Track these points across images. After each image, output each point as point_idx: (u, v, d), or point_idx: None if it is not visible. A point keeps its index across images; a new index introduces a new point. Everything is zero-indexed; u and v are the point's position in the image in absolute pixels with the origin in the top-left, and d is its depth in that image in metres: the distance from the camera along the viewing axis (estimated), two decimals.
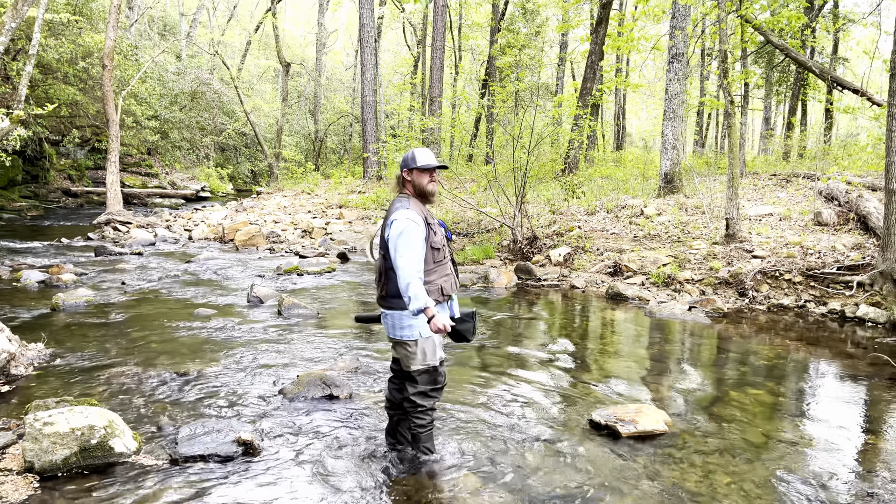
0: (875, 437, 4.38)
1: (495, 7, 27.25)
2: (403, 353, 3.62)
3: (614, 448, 3.98)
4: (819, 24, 20.14)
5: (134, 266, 10.43)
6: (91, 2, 22.81)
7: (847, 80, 18.18)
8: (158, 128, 26.90)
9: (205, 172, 31.64)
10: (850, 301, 7.89)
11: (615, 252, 10.53)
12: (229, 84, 31.78)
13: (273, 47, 37.05)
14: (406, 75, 36.64)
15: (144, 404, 4.51)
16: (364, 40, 22.98)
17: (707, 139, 32.55)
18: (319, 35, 35.47)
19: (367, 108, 22.79)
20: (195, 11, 37.50)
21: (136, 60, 24.86)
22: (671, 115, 14.18)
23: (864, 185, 11.64)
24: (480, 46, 35.38)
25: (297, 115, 39.19)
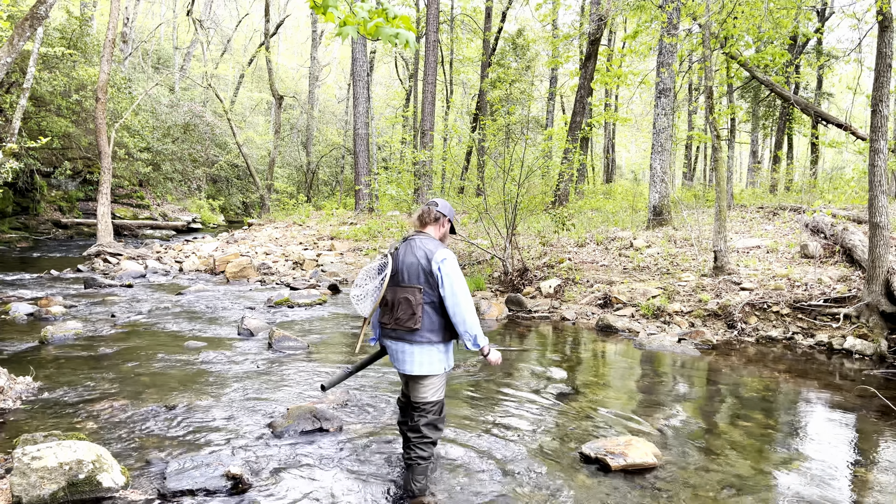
0: (864, 470, 4.40)
1: (486, 42, 27.72)
2: (421, 386, 3.68)
3: (604, 481, 3.99)
4: (803, 61, 20.60)
5: (124, 298, 10.40)
6: (85, 35, 23.07)
7: (831, 115, 18.54)
8: (150, 160, 27.01)
9: (196, 204, 31.68)
10: (838, 333, 7.96)
11: (605, 284, 10.60)
12: (222, 116, 32.03)
13: (266, 80, 37.46)
14: (398, 108, 37.03)
15: (133, 438, 4.48)
16: (356, 74, 23.28)
17: (696, 172, 32.95)
18: (312, 68, 35.88)
19: (359, 141, 23.00)
20: (189, 45, 37.94)
21: (129, 93, 25.05)
22: (659, 149, 14.40)
23: (850, 217, 11.82)
24: (471, 80, 35.90)
25: (289, 147, 39.46)
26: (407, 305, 3.58)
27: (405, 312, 3.58)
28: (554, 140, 18.72)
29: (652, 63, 24.64)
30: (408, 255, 3.65)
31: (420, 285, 3.57)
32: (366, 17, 2.33)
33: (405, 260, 3.65)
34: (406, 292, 3.59)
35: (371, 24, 2.34)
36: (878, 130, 7.88)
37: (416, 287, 3.58)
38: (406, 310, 3.58)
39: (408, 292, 3.59)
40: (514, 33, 29.49)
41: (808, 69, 22.63)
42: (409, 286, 3.59)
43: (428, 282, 3.57)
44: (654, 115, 14.84)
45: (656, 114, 14.56)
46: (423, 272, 3.58)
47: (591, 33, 18.17)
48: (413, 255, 3.62)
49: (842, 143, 17.50)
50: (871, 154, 7.95)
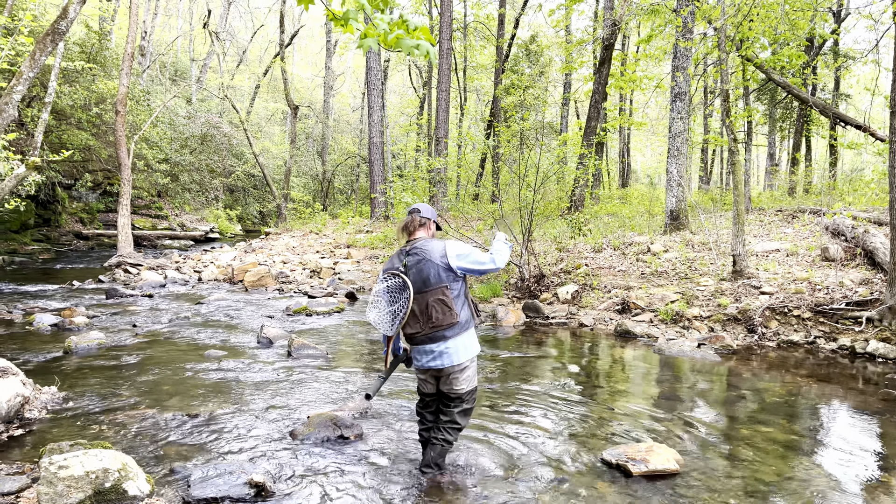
0: (888, 475, 4.35)
1: (499, 49, 27.78)
2: (459, 378, 3.89)
3: (625, 487, 3.97)
4: (819, 62, 20.42)
5: (145, 308, 10.52)
6: (104, 49, 23.45)
7: (850, 116, 18.36)
8: (169, 171, 27.35)
9: (214, 214, 31.99)
10: (860, 337, 7.87)
11: (623, 289, 10.56)
12: (238, 127, 32.35)
13: (281, 90, 37.79)
14: (412, 116, 37.20)
15: (157, 447, 4.54)
16: (371, 83, 23.43)
17: (712, 175, 32.77)
18: (327, 78, 36.16)
19: (374, 149, 23.12)
20: (206, 57, 38.39)
21: (147, 105, 25.41)
22: (675, 153, 14.34)
23: (870, 220, 11.68)
24: (485, 87, 35.97)
25: (305, 156, 39.75)
26: (441, 305, 3.77)
27: (442, 311, 3.78)
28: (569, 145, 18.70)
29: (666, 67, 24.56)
30: (421, 263, 3.81)
31: (446, 283, 3.79)
32: (386, 29, 2.36)
33: (420, 268, 3.80)
34: (435, 294, 3.77)
35: (392, 36, 2.37)
36: None
37: (443, 286, 3.78)
38: (442, 309, 3.77)
39: (437, 294, 3.77)
40: (527, 39, 29.55)
41: (824, 70, 22.43)
42: (435, 288, 3.78)
43: (450, 276, 3.80)
44: (669, 118, 14.79)
45: (672, 118, 14.51)
46: (442, 270, 3.79)
47: (605, 38, 18.15)
48: (427, 261, 3.80)
49: (861, 145, 17.30)
50: (890, 155, 7.87)
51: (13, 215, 19.01)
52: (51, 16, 19.38)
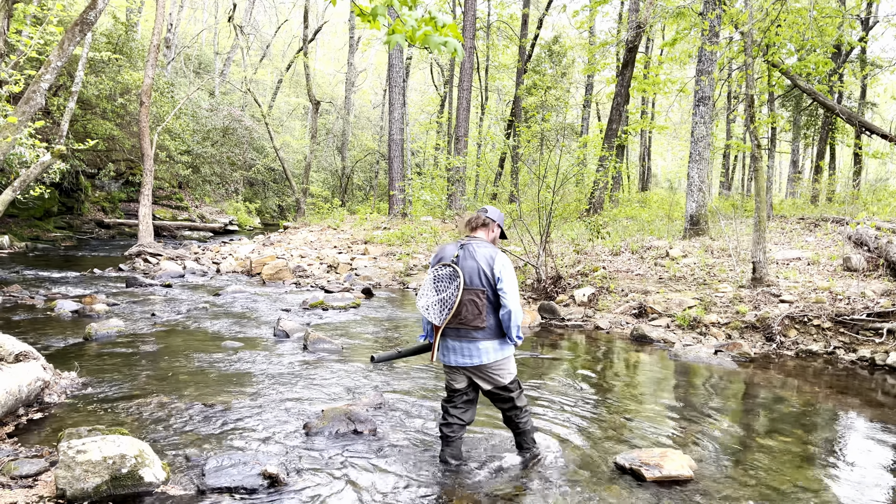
0: None
1: (522, 49, 27.72)
2: (497, 373, 4.04)
3: (638, 492, 3.95)
4: (846, 70, 20.17)
5: (163, 297, 10.63)
6: (131, 41, 23.70)
7: (875, 126, 18.10)
8: (190, 162, 27.59)
9: (233, 206, 32.24)
10: (881, 349, 7.76)
11: (640, 293, 10.50)
12: (260, 121, 32.58)
13: (303, 85, 37.98)
14: (433, 114, 37.24)
15: (173, 434, 4.58)
16: (392, 80, 23.48)
17: (733, 181, 32.47)
18: (349, 74, 36.27)
19: (393, 146, 23.17)
20: (229, 50, 38.67)
21: (171, 97, 25.64)
22: (697, 158, 14.23)
23: (894, 230, 11.51)
24: (507, 87, 35.91)
25: (324, 151, 39.93)
26: (473, 306, 3.88)
27: (471, 312, 3.89)
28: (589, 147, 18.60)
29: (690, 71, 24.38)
30: (468, 260, 3.93)
31: (484, 288, 3.90)
32: (414, 26, 2.37)
33: (467, 265, 3.92)
34: (471, 294, 3.89)
35: (420, 33, 2.37)
36: None
37: (481, 290, 3.89)
38: (472, 310, 3.88)
39: (473, 294, 3.89)
40: (550, 40, 29.46)
41: (851, 78, 22.15)
42: (473, 289, 3.89)
43: (490, 286, 3.90)
44: (692, 123, 14.68)
45: (694, 122, 14.40)
46: (485, 276, 3.90)
47: (629, 41, 18.04)
48: (474, 260, 3.92)
49: (886, 155, 17.06)
50: None
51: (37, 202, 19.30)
52: (79, 6, 19.62)
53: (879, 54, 28.58)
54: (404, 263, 14.86)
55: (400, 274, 14.20)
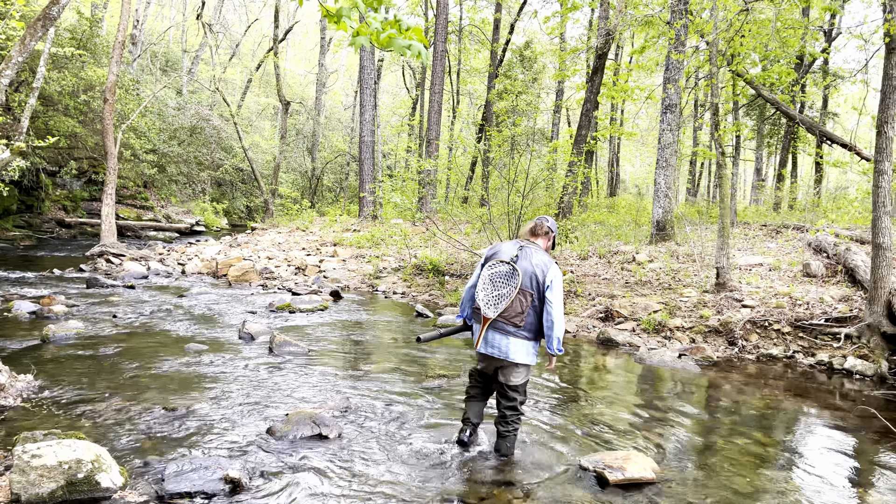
0: (863, 490, 4.39)
1: (494, 53, 27.85)
2: (516, 372, 4.34)
3: (602, 495, 3.98)
4: (809, 80, 20.66)
5: (126, 299, 10.43)
6: (95, 37, 23.22)
7: (836, 135, 18.56)
8: (156, 161, 27.11)
9: (200, 207, 31.77)
10: (838, 353, 7.95)
11: (607, 297, 10.60)
12: (229, 120, 32.17)
13: (273, 85, 37.64)
14: (404, 117, 37.19)
15: (132, 439, 4.49)
16: (364, 81, 23.40)
17: (699, 188, 33.00)
18: (320, 75, 36.06)
19: (364, 148, 23.09)
20: (198, 48, 38.15)
21: (137, 95, 25.19)
22: (664, 164, 14.43)
23: (852, 238, 11.82)
24: (478, 91, 36.02)
25: (294, 152, 39.59)
26: (518, 305, 4.17)
27: (514, 310, 4.17)
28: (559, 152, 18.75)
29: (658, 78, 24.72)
30: (525, 261, 4.23)
31: (532, 291, 4.18)
32: (378, 28, 2.36)
33: (523, 266, 4.21)
34: (520, 294, 4.17)
35: (384, 36, 2.36)
36: (883, 152, 7.90)
37: (529, 292, 4.18)
38: (516, 308, 4.17)
39: (522, 294, 4.17)
40: (521, 45, 29.65)
41: (813, 88, 22.69)
42: (523, 289, 4.17)
43: (538, 290, 4.19)
44: (659, 130, 14.89)
45: (662, 129, 14.60)
46: (536, 281, 4.19)
47: (599, 47, 18.23)
48: (530, 264, 4.22)
49: (846, 164, 17.53)
50: (875, 175, 7.97)
51: None
52: (42, 1, 19.17)
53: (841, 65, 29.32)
54: (374, 266, 14.80)
55: (369, 276, 14.14)
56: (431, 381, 6.41)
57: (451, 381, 6.44)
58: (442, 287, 12.62)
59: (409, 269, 14.15)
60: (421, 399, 5.80)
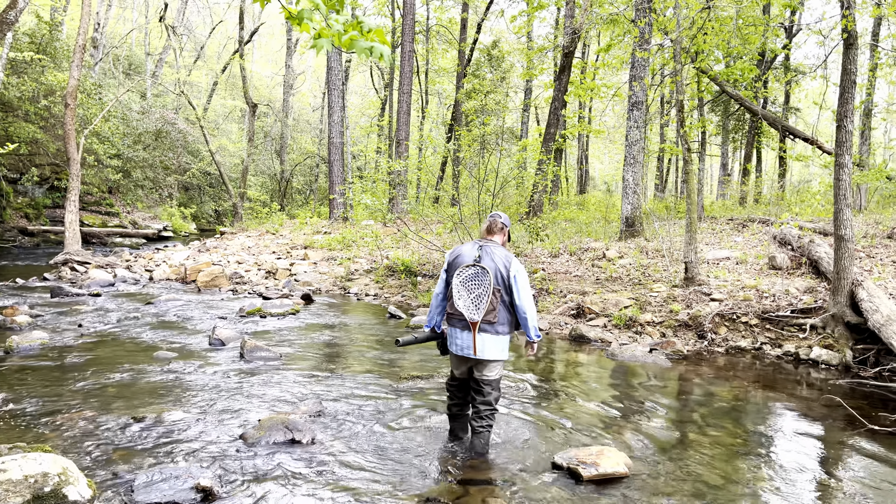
0: (829, 478, 4.49)
1: (461, 53, 27.87)
2: (490, 368, 4.43)
3: (575, 491, 4.01)
4: (771, 76, 21.04)
5: (92, 308, 10.22)
6: (55, 41, 22.75)
7: (798, 129, 18.96)
8: (121, 167, 26.64)
9: (167, 212, 31.29)
10: (804, 343, 8.11)
11: (578, 294, 10.68)
12: (195, 123, 31.74)
13: (240, 88, 37.19)
14: (373, 118, 37.05)
15: (100, 451, 4.40)
16: (331, 83, 23.26)
17: (668, 184, 33.41)
18: (287, 77, 35.75)
19: (333, 150, 22.95)
20: (161, 51, 37.56)
21: (99, 99, 24.71)
22: (631, 161, 14.58)
23: (816, 230, 12.07)
24: (447, 91, 36.05)
25: (263, 155, 39.21)
26: (491, 303, 4.29)
27: (486, 308, 4.28)
28: (528, 151, 18.84)
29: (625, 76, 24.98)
30: (488, 260, 4.37)
31: (500, 287, 4.33)
32: (340, 30, 2.34)
33: (487, 264, 4.34)
34: (493, 294, 4.30)
35: (346, 37, 2.35)
36: (843, 145, 8.08)
37: (497, 288, 4.32)
38: (486, 305, 4.28)
39: (492, 293, 4.30)
40: (489, 44, 29.71)
41: (776, 84, 23.11)
42: (495, 288, 4.30)
43: (504, 284, 4.35)
44: (626, 127, 15.04)
45: (629, 126, 14.75)
46: (502, 277, 4.34)
47: (565, 46, 18.37)
48: (493, 262, 4.36)
49: (808, 157, 17.92)
50: (836, 168, 8.15)
51: None
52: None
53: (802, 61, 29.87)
54: (345, 268, 14.72)
55: (341, 279, 14.06)
56: (405, 383, 6.40)
57: (424, 383, 6.44)
58: (414, 288, 12.60)
59: (381, 270, 14.11)
60: (395, 401, 5.78)
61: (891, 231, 11.60)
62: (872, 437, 5.23)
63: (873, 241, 11.33)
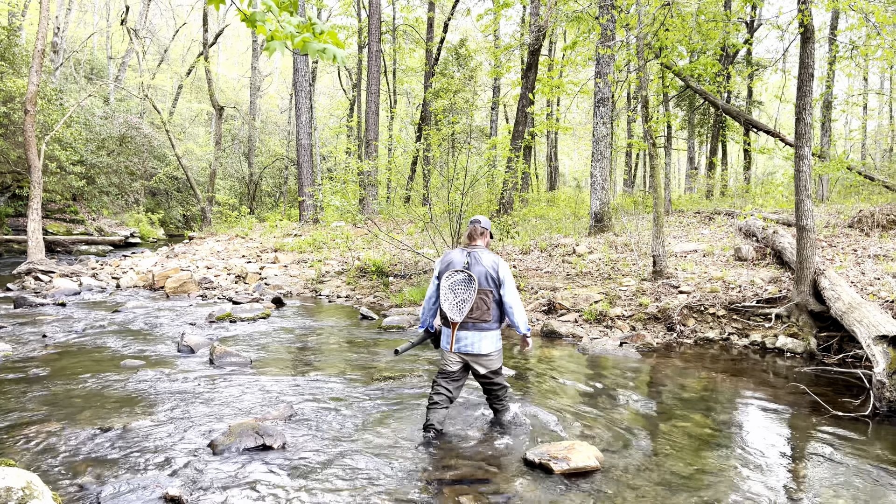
0: (796, 464, 4.58)
1: (429, 52, 27.85)
2: (490, 360, 4.87)
3: (548, 486, 4.04)
4: (733, 71, 21.38)
5: (57, 317, 10.02)
6: (13, 46, 22.23)
7: (761, 123, 19.30)
8: (84, 173, 26.11)
9: (134, 218, 30.77)
10: (770, 332, 8.27)
11: (549, 290, 10.75)
12: (160, 128, 31.26)
13: (206, 91, 36.74)
14: (342, 118, 36.85)
15: (66, 463, 4.32)
16: (298, 84, 23.09)
17: (636, 179, 33.78)
18: (254, 79, 35.40)
19: (302, 151, 22.79)
20: (124, 55, 36.92)
21: (60, 105, 24.19)
22: (599, 157, 14.72)
23: (780, 221, 12.30)
24: (415, 90, 36.01)
25: (230, 158, 38.77)
26: (482, 303, 4.75)
27: (480, 309, 4.75)
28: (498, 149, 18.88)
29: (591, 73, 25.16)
30: (477, 266, 4.76)
31: (491, 288, 4.77)
32: (293, 32, 2.32)
33: (476, 270, 4.75)
34: (482, 294, 4.75)
35: (298, 39, 2.33)
36: (803, 137, 8.25)
37: (489, 290, 4.76)
38: (481, 306, 4.75)
39: (483, 294, 4.75)
40: (456, 43, 29.73)
41: (738, 78, 23.50)
42: (483, 289, 4.74)
43: (495, 285, 4.79)
44: (593, 123, 15.17)
45: (595, 122, 14.88)
46: (491, 279, 4.77)
47: (532, 44, 18.47)
48: (481, 266, 4.76)
49: (771, 150, 18.24)
50: (796, 160, 8.32)
51: None
52: None
53: (764, 55, 30.42)
54: (316, 270, 14.63)
55: (312, 281, 13.97)
56: (377, 384, 6.38)
57: (396, 383, 6.42)
58: (386, 288, 12.57)
59: (352, 271, 14.05)
60: (367, 402, 5.76)
61: (852, 220, 11.87)
62: (836, 423, 5.35)
63: (835, 231, 11.58)
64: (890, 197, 13.94)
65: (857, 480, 4.25)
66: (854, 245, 10.50)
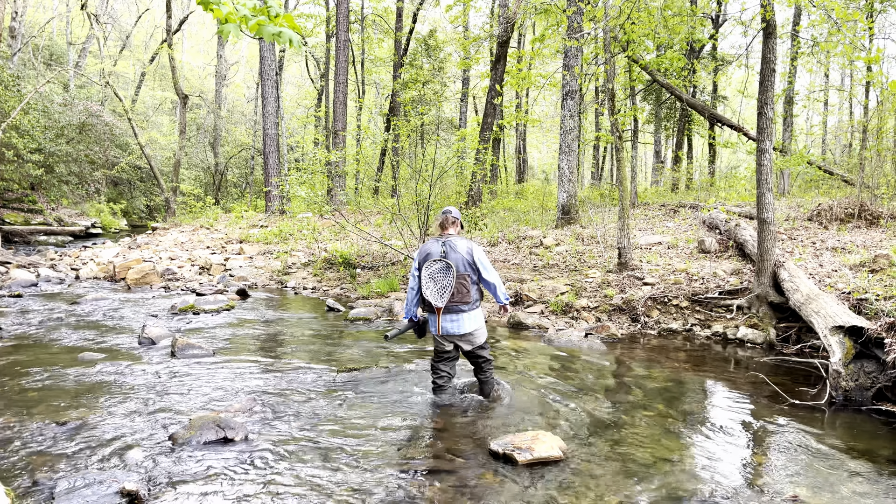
0: (755, 451, 4.67)
1: (398, 42, 27.69)
2: (474, 336, 5.30)
3: (512, 476, 4.05)
4: (698, 66, 21.65)
5: (12, 309, 9.74)
6: None
7: (725, 117, 19.57)
8: (43, 161, 25.40)
9: (95, 208, 30.08)
10: (731, 324, 8.41)
11: (516, 282, 10.79)
12: (122, 116, 30.54)
13: (170, 79, 36.01)
14: (310, 108, 36.45)
15: (19, 458, 4.20)
16: (265, 73, 22.78)
17: (603, 172, 34.06)
18: (219, 67, 34.83)
19: (268, 141, 22.51)
20: (84, 41, 35.98)
21: (18, 91, 23.48)
22: (566, 150, 14.79)
23: (742, 214, 12.52)
24: (384, 81, 35.77)
25: (196, 148, 38.11)
26: (462, 288, 5.15)
27: (461, 292, 5.15)
28: (467, 141, 18.89)
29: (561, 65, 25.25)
30: (453, 254, 5.17)
31: (468, 272, 5.18)
32: (248, 15, 2.26)
33: (453, 257, 5.15)
34: (461, 279, 5.14)
35: (253, 22, 2.28)
36: (764, 132, 8.38)
37: (467, 274, 5.17)
38: (461, 290, 5.15)
39: (462, 279, 5.15)
40: (425, 34, 29.61)
41: (703, 73, 23.80)
42: (462, 274, 5.15)
43: (472, 268, 5.21)
44: (561, 116, 15.23)
45: (563, 115, 14.95)
46: (468, 263, 5.19)
47: (500, 35, 18.46)
48: (457, 253, 5.17)
49: (735, 144, 18.53)
50: (757, 154, 8.45)
51: None
52: None
53: (729, 50, 30.82)
54: (282, 262, 14.48)
55: (277, 273, 13.82)
56: (342, 375, 6.34)
57: (361, 374, 6.39)
58: (353, 280, 12.49)
59: (319, 263, 13.93)
60: (332, 394, 5.72)
61: (811, 213, 12.13)
62: (794, 411, 5.47)
63: (795, 224, 11.82)
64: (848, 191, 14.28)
65: (814, 466, 4.35)
66: (813, 238, 10.73)
